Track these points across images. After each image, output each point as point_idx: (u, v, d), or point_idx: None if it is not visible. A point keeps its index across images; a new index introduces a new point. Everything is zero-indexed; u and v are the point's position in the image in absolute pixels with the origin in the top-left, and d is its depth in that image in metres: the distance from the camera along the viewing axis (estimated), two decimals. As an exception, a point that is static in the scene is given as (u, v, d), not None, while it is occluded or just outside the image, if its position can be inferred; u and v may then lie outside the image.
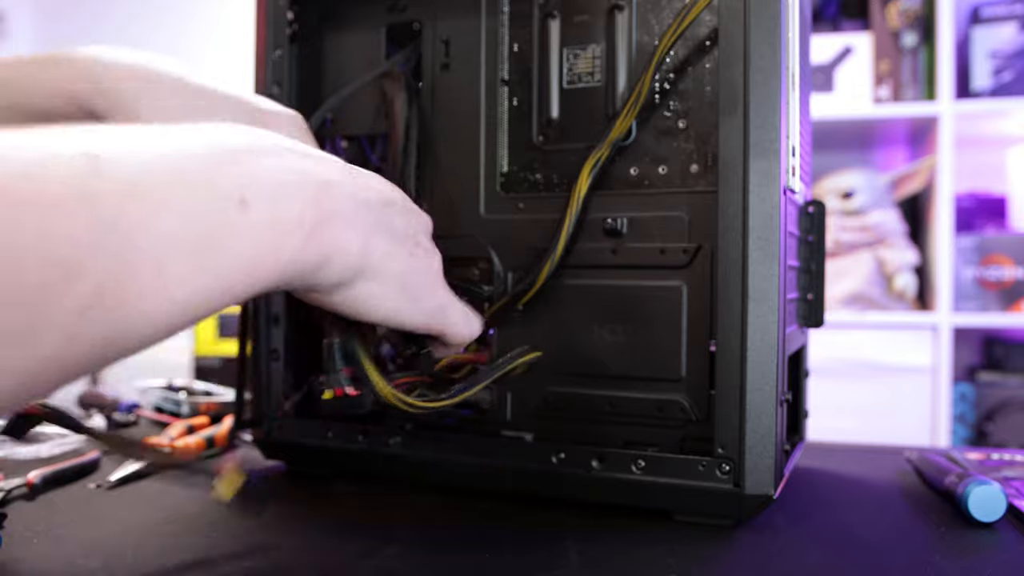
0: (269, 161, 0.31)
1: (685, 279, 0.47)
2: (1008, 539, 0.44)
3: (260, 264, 0.29)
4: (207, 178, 0.28)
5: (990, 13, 1.68)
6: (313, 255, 0.32)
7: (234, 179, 0.29)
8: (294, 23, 0.57)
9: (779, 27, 0.44)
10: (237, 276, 0.29)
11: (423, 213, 0.42)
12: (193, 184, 0.27)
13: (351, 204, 0.34)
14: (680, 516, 0.47)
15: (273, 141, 0.33)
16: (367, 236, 0.35)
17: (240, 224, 0.28)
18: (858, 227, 1.71)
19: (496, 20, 0.52)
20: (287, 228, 0.30)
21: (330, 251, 0.33)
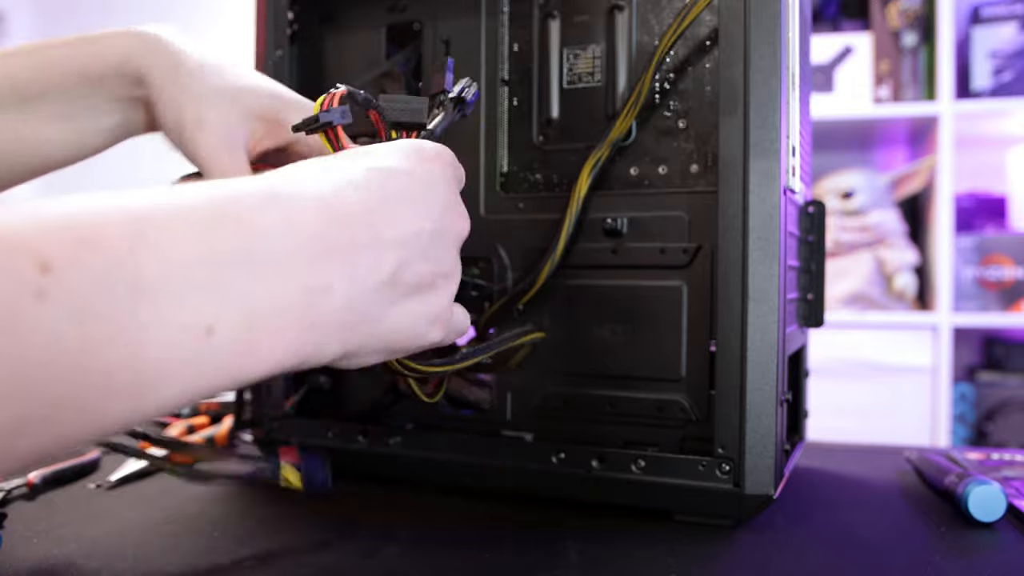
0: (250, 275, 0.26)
1: (685, 279, 0.47)
2: (1008, 539, 0.44)
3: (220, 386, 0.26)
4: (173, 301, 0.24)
5: (990, 13, 1.68)
6: (287, 366, 0.28)
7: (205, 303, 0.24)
8: (294, 23, 0.57)
9: (779, 27, 0.44)
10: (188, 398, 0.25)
11: (459, 217, 0.36)
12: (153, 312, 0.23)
13: (343, 311, 0.29)
14: (680, 516, 0.47)
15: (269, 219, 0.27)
16: (354, 334, 0.31)
17: (201, 356, 0.24)
18: (858, 227, 1.71)
19: (496, 20, 0.52)
20: (262, 353, 0.26)
21: (309, 356, 0.29)
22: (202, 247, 0.25)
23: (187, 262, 0.24)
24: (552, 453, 0.49)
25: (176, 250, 0.24)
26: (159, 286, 0.23)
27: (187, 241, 0.24)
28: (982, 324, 1.64)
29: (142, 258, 0.23)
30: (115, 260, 0.22)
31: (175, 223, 0.25)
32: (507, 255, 0.51)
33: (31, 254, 0.21)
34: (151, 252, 0.23)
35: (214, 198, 0.26)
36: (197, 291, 0.24)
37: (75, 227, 0.22)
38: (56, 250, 0.21)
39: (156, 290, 0.23)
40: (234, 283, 0.25)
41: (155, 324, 0.23)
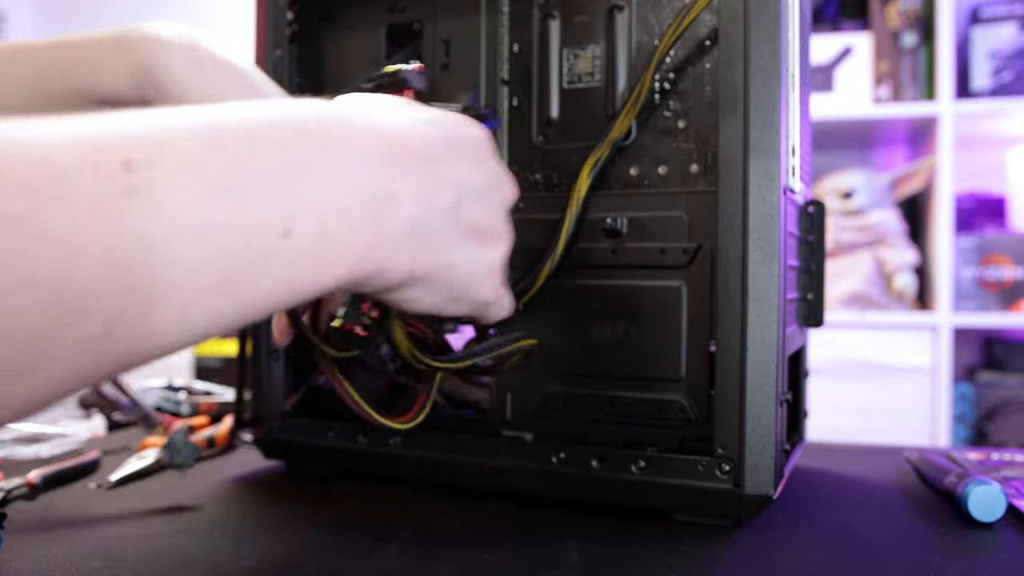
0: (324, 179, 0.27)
1: (685, 279, 0.47)
2: (1008, 539, 0.44)
3: (295, 291, 0.27)
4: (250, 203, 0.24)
5: (990, 13, 1.68)
6: (356, 276, 0.29)
7: (280, 207, 0.25)
8: (294, 23, 0.57)
9: (779, 27, 0.44)
10: (267, 303, 0.26)
11: (508, 184, 0.37)
12: (231, 209, 0.24)
13: (409, 226, 0.30)
14: (680, 516, 0.47)
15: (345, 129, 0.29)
16: (420, 256, 0.31)
17: (279, 255, 0.25)
18: (858, 227, 1.71)
19: (496, 20, 0.52)
20: (332, 259, 0.27)
21: (376, 272, 0.30)
22: (275, 154, 0.26)
23: (260, 166, 0.25)
24: (552, 453, 0.49)
25: (251, 155, 0.25)
26: (234, 186, 0.24)
27: (261, 148, 0.25)
28: (982, 324, 1.64)
29: (217, 161, 0.24)
30: (191, 162, 0.23)
31: (249, 132, 0.26)
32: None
33: (113, 154, 0.22)
34: (226, 156, 0.24)
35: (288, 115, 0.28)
36: (272, 193, 0.25)
37: (152, 133, 0.23)
38: (135, 152, 0.22)
39: (232, 190, 0.24)
40: (309, 188, 0.26)
41: (235, 222, 0.24)
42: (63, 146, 0.21)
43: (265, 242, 0.25)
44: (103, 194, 0.21)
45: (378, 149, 0.29)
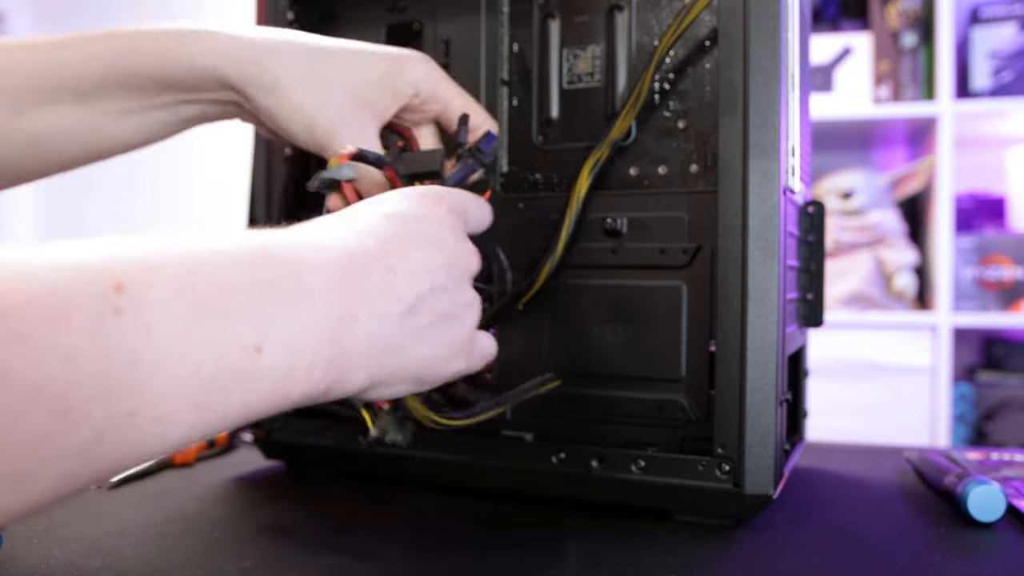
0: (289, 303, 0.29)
1: (685, 279, 0.47)
2: (1008, 539, 0.44)
3: (264, 406, 0.29)
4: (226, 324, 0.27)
5: (990, 13, 1.68)
6: (320, 389, 0.31)
7: (253, 328, 0.27)
8: (294, 23, 0.57)
9: (779, 27, 0.44)
10: (239, 416, 0.28)
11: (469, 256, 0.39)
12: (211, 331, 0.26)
13: (366, 341, 0.32)
14: (680, 516, 0.47)
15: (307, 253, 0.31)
16: (378, 364, 0.33)
17: (251, 373, 0.27)
18: (858, 227, 1.71)
19: (496, 20, 0.52)
20: (298, 376, 0.29)
21: (336, 383, 0.32)
22: (248, 279, 0.28)
23: (236, 291, 0.28)
24: (552, 453, 0.49)
25: (228, 281, 0.27)
26: (215, 307, 0.27)
27: (236, 274, 0.28)
28: (982, 324, 1.64)
29: (199, 286, 0.26)
30: (176, 286, 0.26)
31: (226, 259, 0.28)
32: (506, 256, 0.51)
33: (108, 275, 0.24)
34: (207, 281, 0.27)
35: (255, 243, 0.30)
36: (245, 316, 0.27)
37: (142, 256, 0.26)
38: (127, 274, 0.25)
39: (212, 310, 0.26)
40: (275, 310, 0.29)
41: (214, 340, 0.26)
42: (63, 270, 0.23)
43: (238, 361, 0.27)
44: (97, 313, 0.23)
45: (334, 272, 0.31)
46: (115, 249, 0.25)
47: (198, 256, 0.27)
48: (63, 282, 0.23)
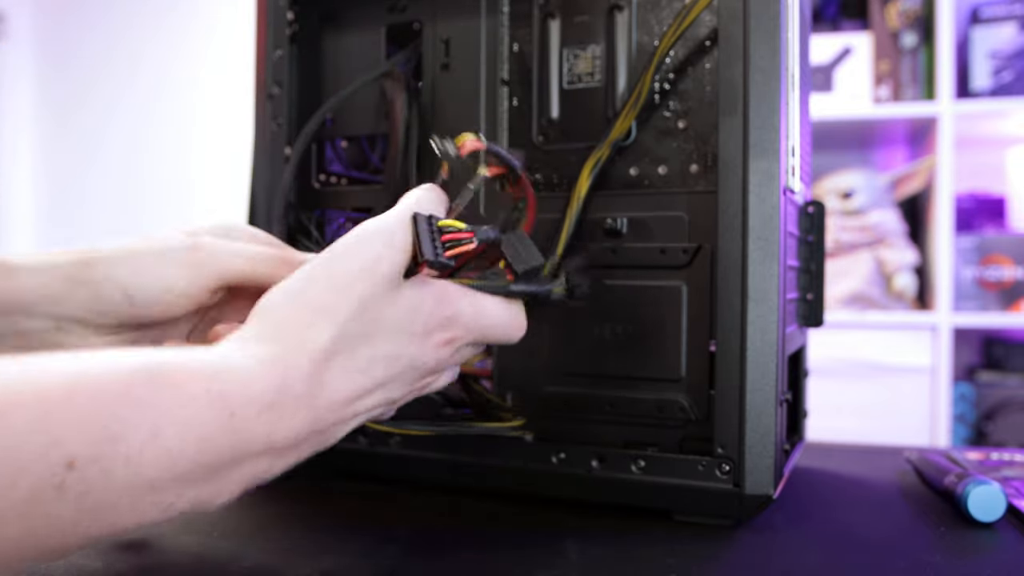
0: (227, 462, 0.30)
1: (685, 279, 0.47)
2: (1008, 539, 0.44)
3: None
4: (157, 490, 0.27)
5: (990, 13, 1.68)
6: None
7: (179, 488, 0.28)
8: (294, 23, 0.57)
9: (779, 27, 0.44)
10: None
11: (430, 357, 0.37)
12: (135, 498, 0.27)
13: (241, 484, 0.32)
14: (680, 516, 0.47)
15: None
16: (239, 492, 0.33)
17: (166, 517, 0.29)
18: (858, 227, 1.71)
19: (496, 20, 0.52)
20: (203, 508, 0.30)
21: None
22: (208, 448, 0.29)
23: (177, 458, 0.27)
24: (552, 453, 0.49)
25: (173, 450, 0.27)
26: (150, 481, 0.27)
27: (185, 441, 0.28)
28: (982, 324, 1.64)
29: (148, 457, 0.26)
30: (129, 457, 0.26)
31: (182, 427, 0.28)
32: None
33: (62, 448, 0.24)
34: (158, 451, 0.27)
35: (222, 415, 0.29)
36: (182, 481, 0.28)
37: (99, 420, 0.25)
38: (83, 447, 0.25)
39: (146, 484, 0.27)
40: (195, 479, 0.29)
41: (139, 508, 0.27)
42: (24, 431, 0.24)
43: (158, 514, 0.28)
44: (40, 485, 0.24)
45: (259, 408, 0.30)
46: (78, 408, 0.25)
47: (157, 431, 0.27)
48: (23, 447, 0.24)
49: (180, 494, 0.28)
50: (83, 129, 2.47)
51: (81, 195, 2.48)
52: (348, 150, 0.59)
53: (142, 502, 0.27)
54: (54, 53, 2.49)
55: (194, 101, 2.36)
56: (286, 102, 0.56)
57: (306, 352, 0.32)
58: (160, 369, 0.28)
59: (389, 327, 0.34)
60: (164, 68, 2.38)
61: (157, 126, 2.40)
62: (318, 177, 0.58)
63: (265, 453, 0.31)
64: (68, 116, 2.48)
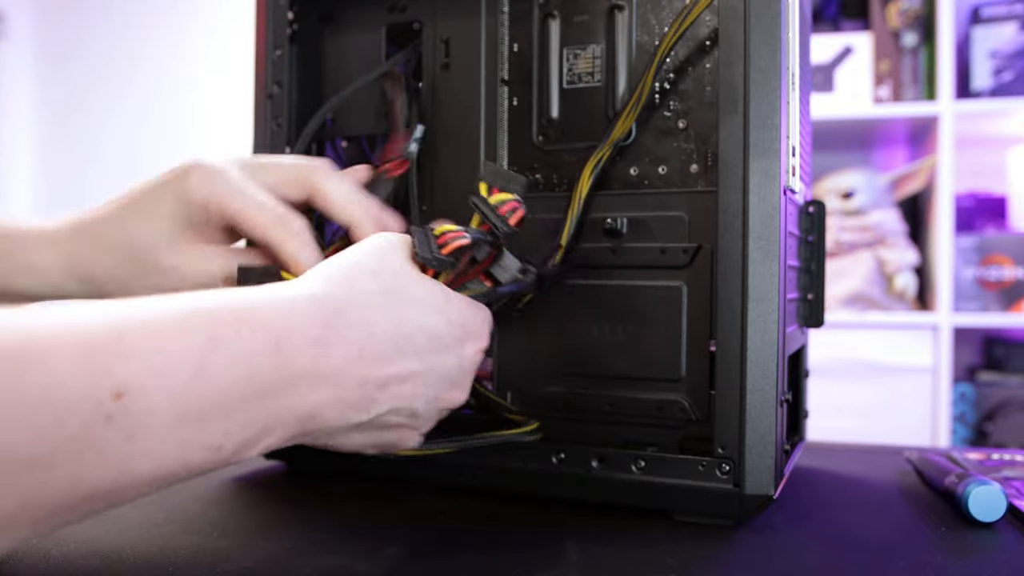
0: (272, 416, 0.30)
1: (685, 279, 0.47)
2: (1008, 539, 0.44)
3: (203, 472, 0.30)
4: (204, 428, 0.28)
5: (990, 13, 1.68)
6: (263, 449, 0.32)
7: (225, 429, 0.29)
8: (294, 23, 0.57)
9: (779, 27, 0.44)
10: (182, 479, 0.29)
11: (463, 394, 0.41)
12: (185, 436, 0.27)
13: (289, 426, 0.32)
14: (680, 516, 0.47)
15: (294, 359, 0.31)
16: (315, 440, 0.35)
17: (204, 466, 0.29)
18: (858, 227, 1.71)
19: (496, 20, 0.52)
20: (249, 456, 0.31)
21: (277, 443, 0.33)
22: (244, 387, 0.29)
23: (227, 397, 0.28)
24: (552, 453, 0.49)
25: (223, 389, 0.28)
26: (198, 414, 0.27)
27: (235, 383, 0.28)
28: (982, 324, 1.64)
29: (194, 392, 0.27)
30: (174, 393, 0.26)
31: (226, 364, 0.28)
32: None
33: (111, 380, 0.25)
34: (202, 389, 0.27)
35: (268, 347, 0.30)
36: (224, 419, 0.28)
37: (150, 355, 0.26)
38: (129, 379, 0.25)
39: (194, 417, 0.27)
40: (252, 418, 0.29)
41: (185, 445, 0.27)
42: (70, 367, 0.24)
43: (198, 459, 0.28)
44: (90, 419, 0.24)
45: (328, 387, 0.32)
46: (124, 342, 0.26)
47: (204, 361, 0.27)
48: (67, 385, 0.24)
49: (228, 433, 0.28)
50: (83, 129, 2.47)
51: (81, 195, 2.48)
52: (348, 150, 0.59)
53: (191, 440, 0.27)
54: (54, 53, 2.49)
55: (193, 101, 2.36)
56: (286, 102, 0.56)
57: (355, 295, 0.34)
58: (205, 306, 0.29)
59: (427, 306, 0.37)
60: (164, 68, 2.38)
61: (157, 126, 2.40)
62: (318, 177, 0.58)
63: (311, 386, 0.31)
64: (68, 116, 2.48)
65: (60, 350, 0.24)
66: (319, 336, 0.32)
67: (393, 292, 0.35)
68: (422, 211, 0.53)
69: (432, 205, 0.53)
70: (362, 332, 0.33)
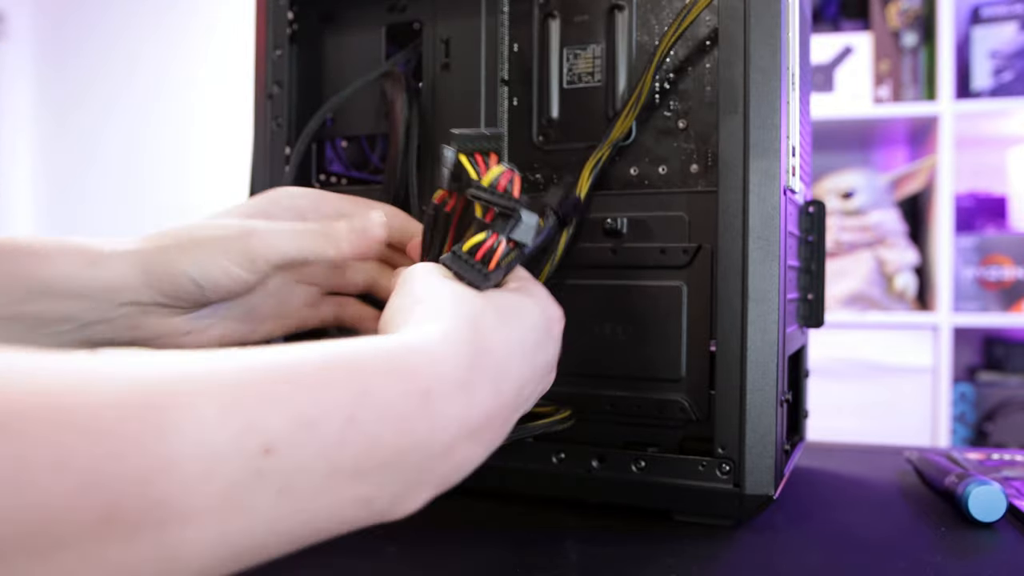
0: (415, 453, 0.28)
1: (685, 279, 0.47)
2: (1008, 539, 0.44)
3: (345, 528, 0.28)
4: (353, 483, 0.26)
5: (990, 13, 1.68)
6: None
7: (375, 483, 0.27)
8: (294, 23, 0.57)
9: (779, 27, 0.44)
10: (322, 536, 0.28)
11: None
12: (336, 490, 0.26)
13: (440, 476, 0.30)
14: (680, 516, 0.47)
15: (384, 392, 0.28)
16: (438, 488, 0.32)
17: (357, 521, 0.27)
18: (858, 227, 1.71)
19: (496, 20, 0.52)
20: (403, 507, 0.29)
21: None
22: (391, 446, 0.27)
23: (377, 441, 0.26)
24: (552, 453, 0.49)
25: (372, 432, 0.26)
26: (352, 469, 0.26)
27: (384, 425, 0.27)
28: (982, 324, 1.64)
29: (349, 443, 0.25)
30: (326, 445, 0.25)
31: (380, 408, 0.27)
32: None
33: (258, 434, 0.23)
34: (356, 436, 0.26)
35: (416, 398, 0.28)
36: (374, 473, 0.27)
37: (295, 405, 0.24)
38: (280, 433, 0.24)
39: (348, 472, 0.26)
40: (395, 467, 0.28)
41: (340, 501, 0.26)
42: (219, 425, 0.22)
43: (349, 513, 0.27)
44: (241, 474, 0.23)
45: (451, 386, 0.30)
46: (273, 393, 0.24)
47: (355, 413, 0.26)
48: (216, 439, 0.22)
49: (380, 485, 0.27)
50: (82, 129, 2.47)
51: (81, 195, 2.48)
52: (348, 150, 0.59)
53: (342, 495, 0.26)
54: (54, 53, 2.49)
55: (193, 101, 2.36)
56: (286, 102, 0.56)
57: (482, 330, 0.32)
58: (348, 354, 0.27)
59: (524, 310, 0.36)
60: (163, 68, 2.38)
61: (156, 126, 2.40)
62: (318, 177, 0.58)
63: (459, 435, 0.30)
64: (68, 116, 2.48)
65: (207, 399, 0.23)
66: (464, 379, 0.30)
67: (500, 309, 0.34)
68: (422, 211, 0.53)
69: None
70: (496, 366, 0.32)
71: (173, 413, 0.22)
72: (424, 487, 0.30)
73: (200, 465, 0.22)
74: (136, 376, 0.22)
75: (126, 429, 0.21)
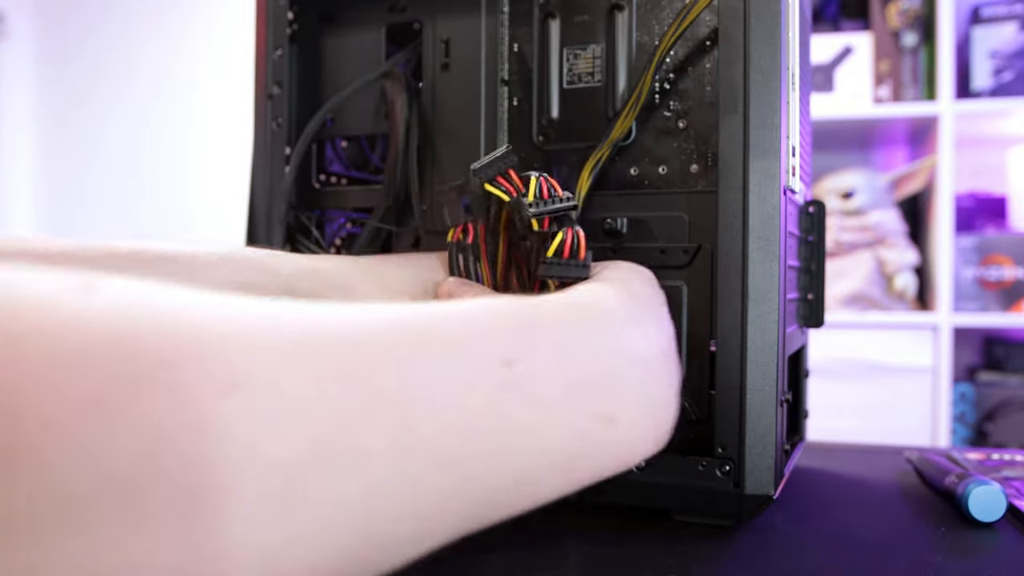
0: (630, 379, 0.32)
1: (685, 279, 0.47)
2: (1008, 539, 0.44)
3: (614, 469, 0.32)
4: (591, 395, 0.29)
5: (990, 13, 1.68)
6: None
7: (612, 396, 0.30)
8: (294, 23, 0.57)
9: (779, 27, 0.44)
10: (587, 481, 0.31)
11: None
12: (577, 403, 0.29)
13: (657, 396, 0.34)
14: (680, 516, 0.47)
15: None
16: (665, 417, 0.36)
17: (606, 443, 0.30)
18: (858, 227, 1.71)
19: (496, 20, 0.52)
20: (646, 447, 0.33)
21: None
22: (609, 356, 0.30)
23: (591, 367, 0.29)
24: (552, 453, 0.49)
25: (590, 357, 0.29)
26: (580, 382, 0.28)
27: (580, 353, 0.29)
28: (982, 324, 1.64)
29: (568, 357, 0.27)
30: (560, 358, 0.27)
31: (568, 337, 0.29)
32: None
33: (499, 349, 0.25)
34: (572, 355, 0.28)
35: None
36: (606, 385, 0.29)
37: (531, 326, 0.27)
38: (518, 347, 0.26)
39: (585, 382, 0.28)
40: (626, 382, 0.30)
41: (565, 426, 0.27)
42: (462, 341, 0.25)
43: (597, 430, 0.28)
44: (493, 385, 0.25)
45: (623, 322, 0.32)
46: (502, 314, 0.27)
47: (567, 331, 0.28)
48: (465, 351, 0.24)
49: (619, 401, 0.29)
50: (82, 129, 2.47)
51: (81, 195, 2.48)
52: (348, 150, 0.59)
53: (564, 417, 0.27)
54: (54, 53, 2.49)
55: (193, 101, 2.36)
56: (286, 102, 0.56)
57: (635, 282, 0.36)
58: (536, 300, 0.30)
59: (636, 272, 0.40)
60: (163, 68, 2.38)
61: (156, 126, 2.40)
62: (318, 177, 0.58)
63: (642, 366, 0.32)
64: (68, 116, 2.48)
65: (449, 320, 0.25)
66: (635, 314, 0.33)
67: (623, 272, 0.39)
68: (422, 211, 0.53)
69: (432, 205, 0.53)
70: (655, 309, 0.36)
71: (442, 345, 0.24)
72: (652, 408, 0.32)
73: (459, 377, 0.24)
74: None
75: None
